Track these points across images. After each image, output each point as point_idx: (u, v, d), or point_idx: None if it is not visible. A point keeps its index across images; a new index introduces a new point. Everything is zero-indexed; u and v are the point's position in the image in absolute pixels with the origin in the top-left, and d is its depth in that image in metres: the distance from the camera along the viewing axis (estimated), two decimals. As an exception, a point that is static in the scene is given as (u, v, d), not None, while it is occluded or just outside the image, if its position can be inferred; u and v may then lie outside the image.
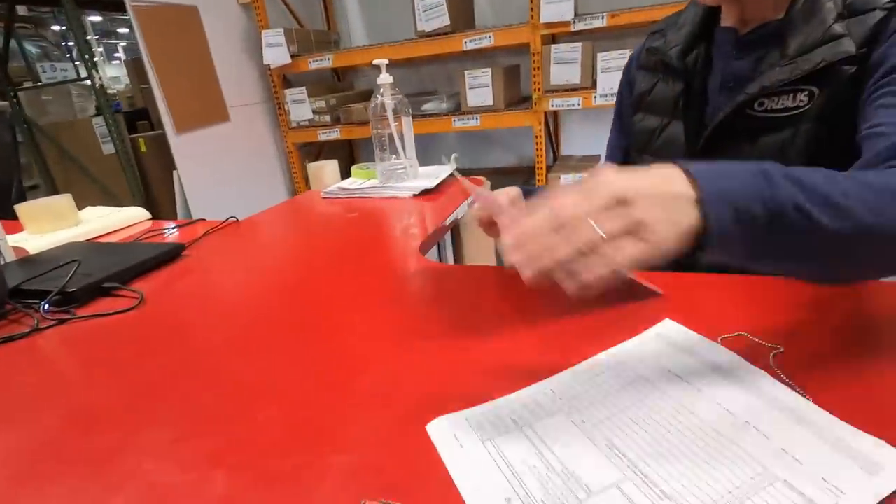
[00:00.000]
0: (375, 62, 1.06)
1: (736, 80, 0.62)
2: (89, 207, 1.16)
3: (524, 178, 3.48)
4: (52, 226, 0.99)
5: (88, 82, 3.96)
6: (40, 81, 5.07)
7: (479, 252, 1.19)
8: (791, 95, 0.56)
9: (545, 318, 0.52)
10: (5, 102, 3.02)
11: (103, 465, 0.38)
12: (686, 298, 0.52)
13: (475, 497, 0.31)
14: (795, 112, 0.56)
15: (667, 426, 0.34)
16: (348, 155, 4.07)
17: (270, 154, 3.47)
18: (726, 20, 0.64)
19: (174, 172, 2.85)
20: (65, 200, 1.03)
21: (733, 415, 0.34)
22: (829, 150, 0.54)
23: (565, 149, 3.60)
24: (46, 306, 0.64)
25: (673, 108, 0.68)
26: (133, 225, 1.07)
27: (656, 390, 0.38)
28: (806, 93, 0.55)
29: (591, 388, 0.39)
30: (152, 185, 3.16)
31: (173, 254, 0.81)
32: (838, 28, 0.53)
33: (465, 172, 1.19)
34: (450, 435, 0.36)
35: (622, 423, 0.35)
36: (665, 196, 0.32)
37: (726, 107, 0.60)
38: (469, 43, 2.74)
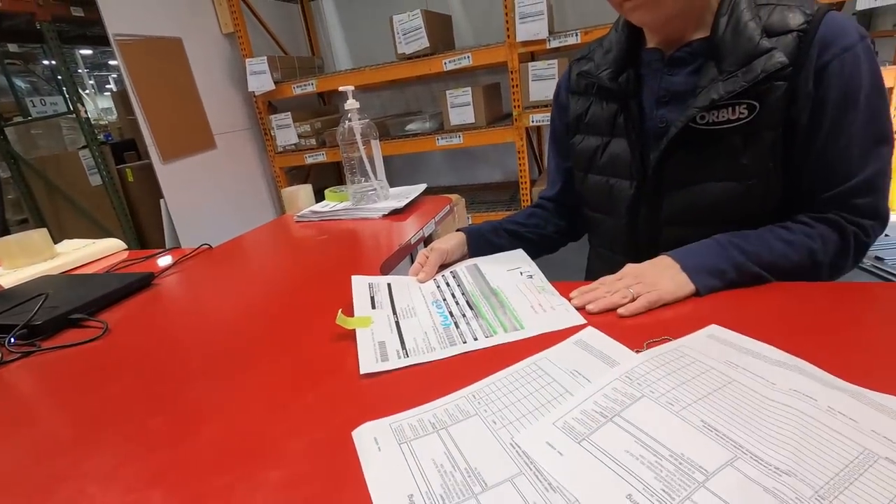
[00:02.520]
0: (342, 88, 1.10)
1: (672, 95, 0.65)
2: (66, 241, 1.17)
3: (510, 192, 3.52)
4: (27, 260, 1.01)
5: (57, 118, 4.02)
6: (30, 116, 5.12)
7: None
8: (730, 108, 0.59)
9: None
10: None
11: (48, 492, 0.39)
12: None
13: (381, 495, 0.32)
14: (738, 123, 0.59)
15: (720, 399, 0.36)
16: (336, 176, 4.11)
17: (258, 179, 3.50)
18: (650, 42, 0.68)
19: (161, 201, 2.88)
20: (38, 235, 1.05)
21: (815, 400, 0.36)
22: (773, 156, 0.60)
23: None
24: (12, 340, 0.65)
25: (611, 127, 0.71)
26: (109, 256, 1.09)
27: (549, 382, 0.39)
28: (745, 106, 0.59)
29: (508, 392, 0.41)
30: (140, 214, 3.18)
31: (142, 283, 0.83)
32: (766, 43, 0.57)
33: (451, 190, 1.22)
34: (370, 439, 0.38)
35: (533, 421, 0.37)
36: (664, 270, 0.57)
37: (675, 121, 0.62)
38: (449, 63, 2.80)
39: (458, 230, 0.79)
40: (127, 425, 0.47)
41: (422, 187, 1.20)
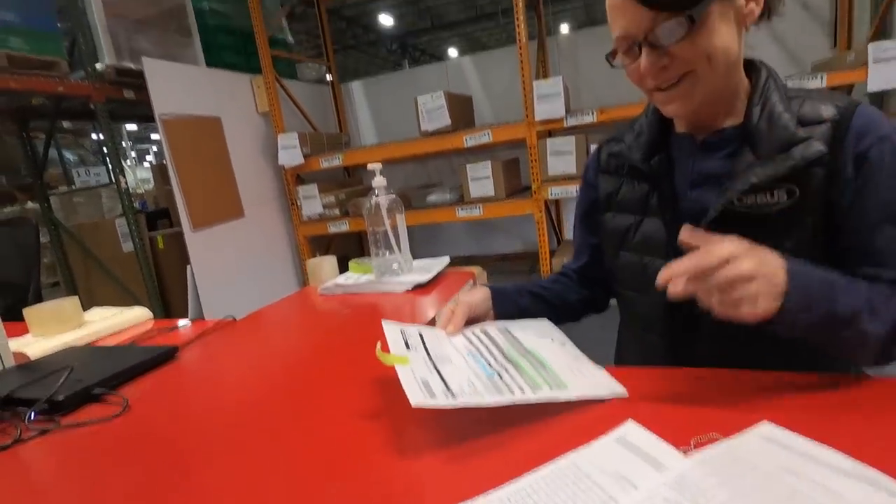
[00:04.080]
0: (370, 167, 1.14)
1: (705, 178, 0.67)
2: (95, 308, 1.19)
3: (529, 263, 3.52)
4: (56, 329, 1.02)
5: (101, 188, 4.26)
6: (74, 185, 5.43)
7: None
8: (769, 193, 0.60)
9: (512, 414, 0.51)
10: (36, 205, 3.23)
11: None
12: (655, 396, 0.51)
13: None
14: (777, 207, 0.60)
15: None
16: (357, 245, 4.19)
17: (282, 247, 3.59)
18: (679, 127, 0.71)
19: (188, 267, 2.95)
20: (69, 303, 1.07)
21: None
22: (814, 240, 0.60)
23: (568, 233, 3.68)
24: (32, 415, 0.64)
25: (644, 206, 0.72)
26: (136, 326, 1.10)
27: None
28: (784, 189, 0.60)
29: (547, 497, 0.38)
30: (167, 280, 3.25)
31: (166, 356, 0.83)
32: (802, 132, 0.59)
33: (472, 260, 1.23)
34: None
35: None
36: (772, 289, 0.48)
37: (713, 202, 0.63)
38: (469, 140, 2.92)
39: (482, 285, 0.79)
40: (140, 517, 0.45)
41: (445, 261, 1.21)
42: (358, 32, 11.63)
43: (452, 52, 14.32)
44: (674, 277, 0.49)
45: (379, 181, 1.12)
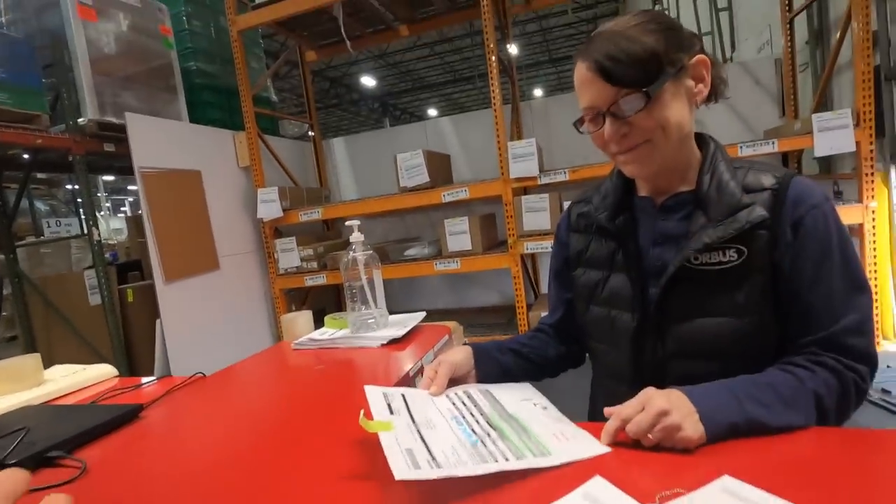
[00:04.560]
0: (348, 223, 1.17)
1: (665, 237, 0.72)
2: (56, 366, 1.15)
3: (507, 316, 3.53)
4: (13, 387, 0.98)
5: (71, 239, 4.19)
6: (43, 236, 5.30)
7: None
8: (721, 252, 0.66)
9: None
10: (1, 257, 3.14)
11: None
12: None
13: None
14: (728, 265, 0.66)
15: None
16: (334, 298, 4.15)
17: (257, 299, 3.53)
18: (641, 191, 0.77)
19: (157, 322, 2.86)
20: (31, 360, 1.03)
21: None
22: (763, 296, 0.65)
23: (544, 287, 3.73)
24: (-20, 481, 0.61)
25: (611, 262, 0.77)
26: (99, 383, 1.06)
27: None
28: (734, 250, 0.66)
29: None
30: (135, 336, 3.14)
31: (129, 416, 0.80)
32: (747, 199, 0.66)
33: (449, 313, 1.24)
34: None
35: None
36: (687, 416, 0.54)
37: (672, 260, 0.69)
38: (447, 195, 3.00)
39: (464, 344, 0.81)
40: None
41: (420, 315, 1.22)
42: (341, 92, 12.10)
43: (432, 111, 14.92)
44: (611, 438, 0.56)
45: (356, 237, 1.14)
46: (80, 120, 2.77)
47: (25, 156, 3.08)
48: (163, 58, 3.30)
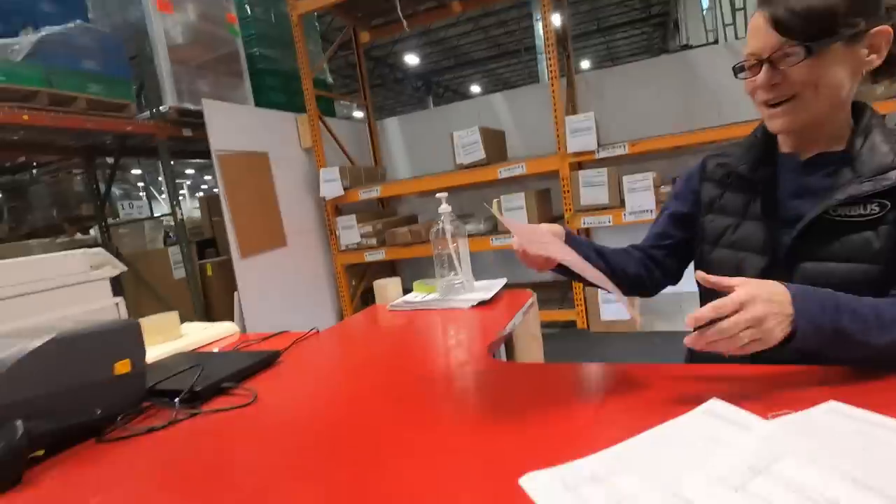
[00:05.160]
0: (438, 195, 1.26)
1: (806, 190, 0.76)
2: (185, 323, 1.32)
3: (562, 291, 3.59)
4: (159, 338, 1.15)
5: (163, 219, 4.51)
6: (118, 217, 5.74)
7: (528, 355, 1.27)
8: (862, 205, 0.70)
9: (607, 400, 0.60)
10: (85, 237, 3.46)
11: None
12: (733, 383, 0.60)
13: None
14: (869, 218, 0.69)
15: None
16: (391, 274, 4.32)
17: (321, 274, 3.74)
18: (784, 147, 0.80)
19: (235, 294, 3.10)
20: (169, 316, 1.20)
21: None
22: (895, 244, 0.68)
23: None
24: (178, 403, 0.75)
25: (744, 211, 0.81)
26: (225, 338, 1.22)
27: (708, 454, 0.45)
28: (875, 204, 0.69)
29: (653, 455, 0.46)
30: (214, 307, 3.41)
31: (272, 359, 0.94)
32: None
33: (506, 287, 1.31)
34: (540, 486, 0.44)
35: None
36: (783, 320, 0.57)
37: (812, 208, 0.72)
38: (503, 172, 3.06)
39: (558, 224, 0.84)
40: (309, 479, 0.54)
41: (503, 281, 1.31)
42: (384, 72, 12.15)
43: (475, 88, 14.75)
44: (697, 322, 0.56)
45: (444, 208, 1.24)
46: (161, 107, 2.99)
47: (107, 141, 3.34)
48: (229, 45, 3.47)
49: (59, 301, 1.07)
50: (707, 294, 0.84)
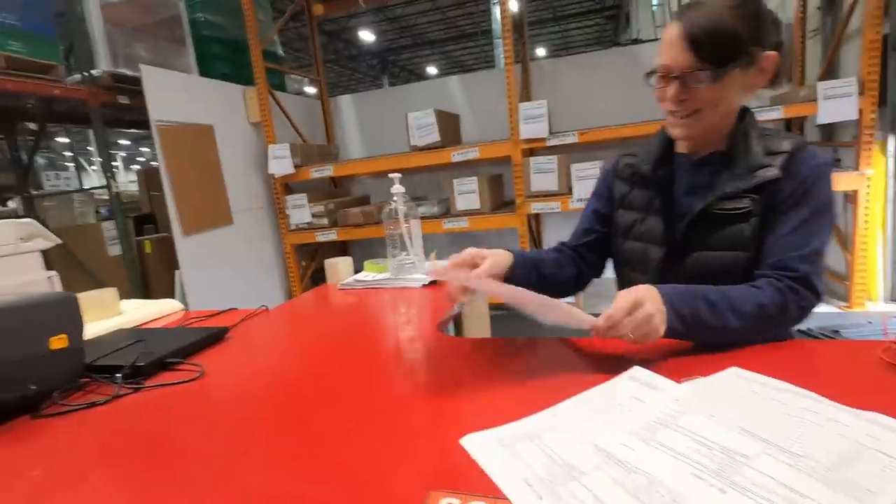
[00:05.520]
0: (391, 175, 1.27)
1: (697, 188, 0.86)
2: (124, 300, 1.27)
3: (510, 274, 3.68)
4: (98, 314, 1.10)
5: (94, 191, 4.22)
6: (42, 189, 5.31)
7: (476, 332, 1.32)
8: (737, 200, 0.80)
9: (548, 368, 0.65)
10: (6, 209, 3.19)
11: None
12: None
13: (502, 480, 0.42)
14: (742, 211, 0.80)
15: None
16: (342, 255, 4.27)
17: (269, 254, 3.64)
18: (680, 148, 0.91)
19: (176, 273, 2.98)
20: (108, 292, 1.15)
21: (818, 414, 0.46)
22: (761, 234, 0.79)
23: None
24: (120, 378, 0.74)
25: (647, 207, 0.91)
26: (168, 315, 1.18)
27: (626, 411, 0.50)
28: (747, 199, 0.80)
29: (580, 412, 0.52)
30: (153, 286, 3.26)
31: (219, 335, 0.93)
32: (767, 160, 0.80)
33: None
34: (479, 445, 0.48)
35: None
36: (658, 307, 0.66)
37: (698, 204, 0.82)
38: (457, 155, 3.08)
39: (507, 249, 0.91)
40: (261, 446, 0.56)
41: (428, 265, 1.34)
42: (339, 47, 11.77)
43: (431, 69, 14.59)
44: (598, 332, 0.65)
45: (397, 188, 1.25)
46: (94, 71, 2.79)
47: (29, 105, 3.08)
48: (171, 8, 3.27)
49: (-16, 274, 1.00)
50: (623, 283, 0.94)
